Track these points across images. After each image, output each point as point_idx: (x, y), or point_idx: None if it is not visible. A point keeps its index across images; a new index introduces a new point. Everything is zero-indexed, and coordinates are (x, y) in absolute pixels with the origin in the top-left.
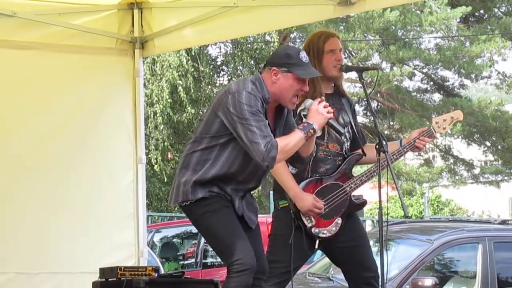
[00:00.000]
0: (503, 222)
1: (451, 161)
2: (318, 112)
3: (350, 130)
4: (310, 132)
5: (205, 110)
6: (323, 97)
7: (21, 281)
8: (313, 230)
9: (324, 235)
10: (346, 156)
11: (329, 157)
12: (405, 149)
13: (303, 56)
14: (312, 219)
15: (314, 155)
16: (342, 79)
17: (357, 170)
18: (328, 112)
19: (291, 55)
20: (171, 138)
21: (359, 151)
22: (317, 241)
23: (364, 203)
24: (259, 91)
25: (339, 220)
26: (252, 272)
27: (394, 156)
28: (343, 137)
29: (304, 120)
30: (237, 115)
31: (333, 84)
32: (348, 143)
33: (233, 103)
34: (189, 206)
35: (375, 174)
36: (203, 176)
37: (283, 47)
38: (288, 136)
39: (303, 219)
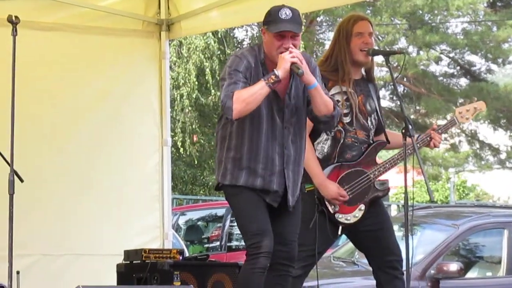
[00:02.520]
0: None
1: (477, 146)
2: (283, 58)
3: (376, 117)
4: (272, 78)
5: None
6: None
7: (46, 263)
8: (336, 216)
9: (347, 221)
10: (371, 143)
11: (356, 144)
12: (421, 142)
13: (284, 12)
14: (336, 205)
15: (336, 115)
16: (373, 66)
17: (383, 154)
18: (292, 57)
19: (271, 12)
20: (197, 121)
21: (383, 138)
22: (340, 227)
23: (387, 190)
24: (254, 54)
25: (362, 207)
26: (268, 255)
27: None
28: (369, 123)
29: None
30: (220, 78)
31: (363, 70)
32: (373, 131)
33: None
34: (222, 188)
35: (399, 161)
36: (227, 154)
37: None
38: (249, 87)
39: (327, 204)
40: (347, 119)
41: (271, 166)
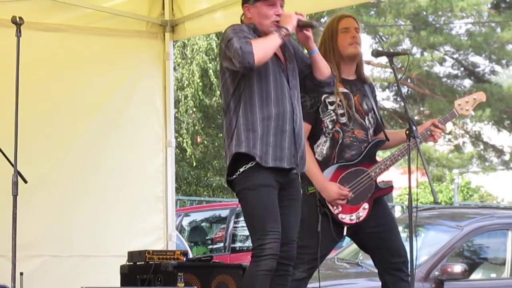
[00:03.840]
0: None
1: (481, 147)
2: (287, 15)
3: (373, 116)
4: (283, 31)
5: None
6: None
7: (55, 264)
8: (339, 216)
9: (352, 221)
10: (370, 141)
11: (355, 143)
12: (423, 137)
13: None
14: (339, 206)
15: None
16: (363, 64)
17: (380, 155)
18: (297, 14)
19: None
20: (201, 122)
21: (382, 136)
22: (345, 228)
23: (390, 188)
24: (249, 28)
25: (366, 206)
26: (274, 258)
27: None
28: (367, 122)
29: None
30: (223, 42)
31: (355, 69)
32: (372, 130)
33: (221, 41)
34: (234, 181)
35: (399, 158)
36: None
37: None
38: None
39: (329, 206)
40: (344, 119)
41: (281, 133)
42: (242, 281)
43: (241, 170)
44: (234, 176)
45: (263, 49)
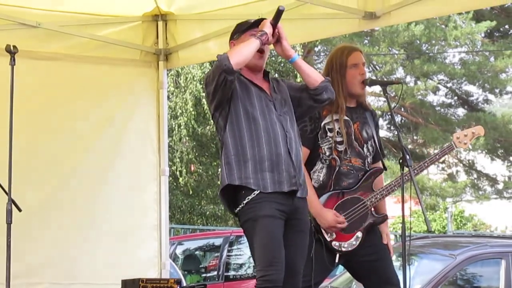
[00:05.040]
0: None
1: (475, 176)
2: (265, 23)
3: (373, 144)
4: (258, 32)
5: None
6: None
7: None
8: (333, 244)
9: (345, 249)
10: (367, 170)
11: (352, 172)
12: (430, 162)
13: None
14: (333, 233)
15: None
16: (365, 95)
17: None
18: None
19: (236, 26)
20: (195, 150)
21: (380, 165)
22: (337, 255)
23: (385, 218)
24: None
25: (359, 234)
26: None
27: (421, 167)
28: (365, 151)
29: None
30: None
31: (355, 99)
32: (371, 158)
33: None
34: (240, 212)
35: (395, 188)
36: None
37: None
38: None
39: (323, 233)
40: (341, 147)
41: (276, 153)
42: None
43: (244, 202)
44: (239, 208)
45: (238, 51)
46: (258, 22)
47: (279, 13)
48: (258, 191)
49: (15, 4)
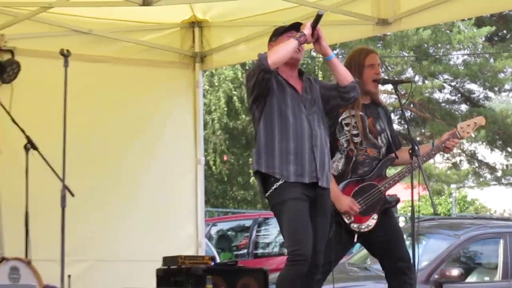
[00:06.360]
0: None
1: (476, 164)
2: (306, 25)
3: (386, 136)
4: (297, 34)
5: None
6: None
7: (100, 267)
8: (352, 225)
9: (363, 230)
10: (381, 159)
11: (368, 161)
12: (436, 149)
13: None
14: (351, 216)
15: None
16: (378, 93)
17: (391, 171)
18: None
19: (274, 30)
20: (227, 142)
21: (393, 154)
22: (356, 235)
23: (397, 200)
24: None
25: (375, 216)
26: (306, 262)
27: (429, 155)
28: (379, 142)
29: None
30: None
31: (370, 96)
32: (385, 148)
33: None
34: (271, 196)
35: (406, 174)
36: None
37: None
38: None
39: (343, 216)
40: (357, 139)
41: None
42: (276, 282)
43: (272, 188)
44: (268, 193)
45: (276, 51)
46: (294, 25)
47: (318, 17)
48: (283, 180)
49: (69, 13)
